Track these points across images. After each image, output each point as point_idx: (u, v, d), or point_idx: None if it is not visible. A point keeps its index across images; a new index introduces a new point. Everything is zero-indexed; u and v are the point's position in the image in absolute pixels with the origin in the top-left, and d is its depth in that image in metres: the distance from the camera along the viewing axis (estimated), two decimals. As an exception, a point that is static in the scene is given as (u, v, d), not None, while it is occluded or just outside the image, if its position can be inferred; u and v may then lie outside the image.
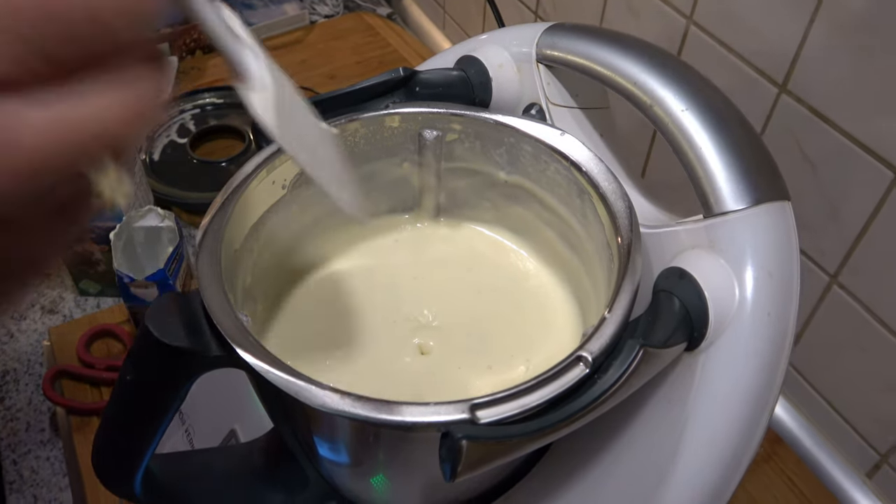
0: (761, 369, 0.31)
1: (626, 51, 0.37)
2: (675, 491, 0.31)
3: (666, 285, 0.32)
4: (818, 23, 0.50)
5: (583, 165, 0.37)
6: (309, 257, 0.43)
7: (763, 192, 0.32)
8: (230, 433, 0.49)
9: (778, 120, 0.56)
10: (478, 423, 0.28)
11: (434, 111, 0.40)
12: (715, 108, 0.34)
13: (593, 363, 0.29)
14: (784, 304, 0.31)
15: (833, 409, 0.60)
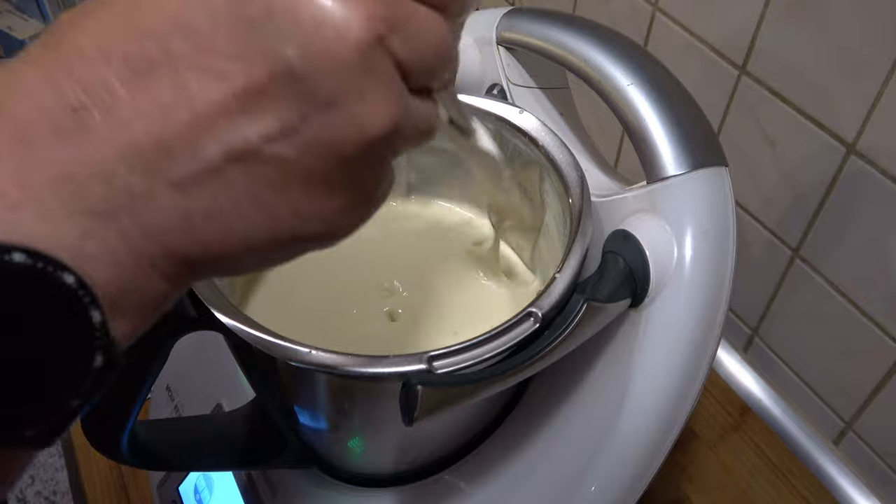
0: (700, 321, 0.33)
1: (577, 32, 0.39)
2: (622, 437, 0.34)
3: (612, 247, 0.35)
4: (772, 6, 0.52)
5: (538, 139, 0.39)
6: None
7: (701, 158, 0.35)
8: (216, 407, 0.51)
9: (739, 101, 0.58)
10: (434, 372, 0.30)
11: (400, 92, 0.42)
12: (658, 82, 0.37)
13: (543, 319, 0.32)
14: (719, 260, 0.34)
15: (800, 379, 0.63)
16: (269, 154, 0.18)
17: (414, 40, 0.19)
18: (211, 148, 0.18)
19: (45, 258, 0.16)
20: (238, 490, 0.48)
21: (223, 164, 0.18)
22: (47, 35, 0.18)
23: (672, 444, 0.34)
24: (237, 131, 0.18)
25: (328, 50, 0.18)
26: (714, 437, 0.61)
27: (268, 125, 0.18)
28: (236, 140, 0.18)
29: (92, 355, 0.17)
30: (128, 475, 0.58)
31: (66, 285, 0.17)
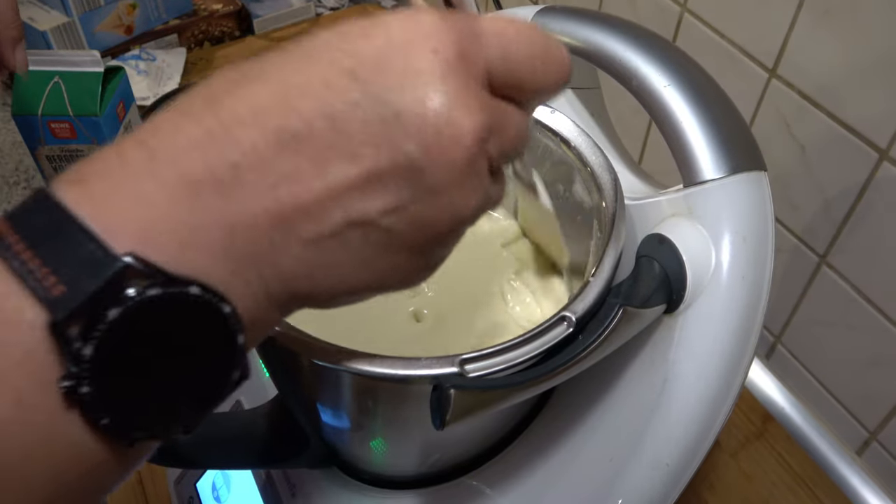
0: (736, 329, 0.33)
1: (612, 30, 0.38)
2: (656, 443, 0.33)
3: (647, 251, 0.34)
4: (805, 8, 0.51)
5: (571, 141, 0.38)
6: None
7: (740, 162, 0.34)
8: (236, 404, 0.51)
9: (768, 104, 0.57)
10: (466, 375, 0.29)
11: (430, 90, 0.42)
12: (696, 83, 0.36)
13: (577, 323, 0.31)
14: (758, 267, 0.33)
15: (823, 388, 0.62)
16: (383, 225, 0.22)
17: (505, 139, 0.23)
18: (337, 215, 0.21)
19: (212, 291, 0.20)
20: (257, 488, 0.48)
21: (345, 229, 0.22)
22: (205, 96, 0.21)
23: (705, 455, 0.33)
24: (359, 204, 0.21)
25: (443, 151, 0.21)
26: (736, 445, 0.60)
27: (385, 202, 0.22)
28: (357, 211, 0.22)
29: (233, 370, 0.21)
30: (144, 470, 0.58)
31: (225, 314, 0.20)
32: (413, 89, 0.21)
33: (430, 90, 0.21)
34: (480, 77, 0.23)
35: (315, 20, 1.06)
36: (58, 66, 0.66)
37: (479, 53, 0.23)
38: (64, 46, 0.87)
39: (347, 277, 0.23)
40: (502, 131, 0.23)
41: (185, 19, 0.99)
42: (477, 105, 0.22)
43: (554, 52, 0.24)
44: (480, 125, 0.22)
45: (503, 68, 0.23)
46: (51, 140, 0.67)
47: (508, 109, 0.24)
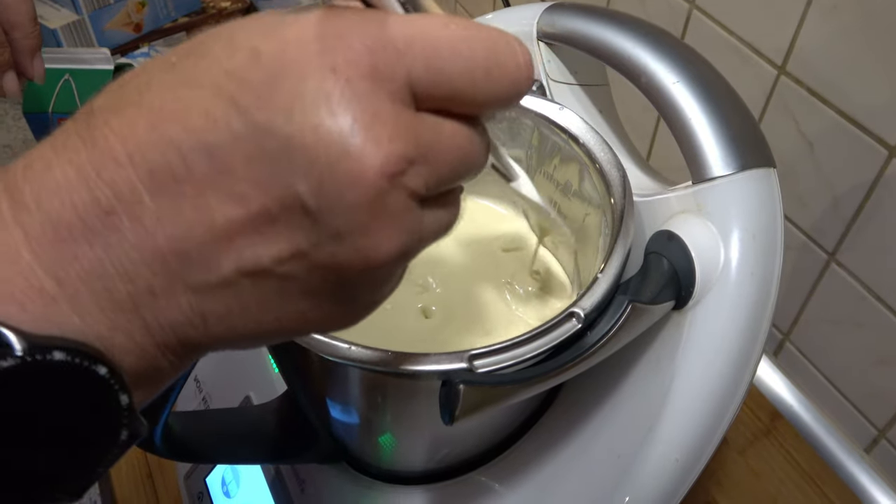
0: (745, 326, 0.33)
1: (621, 27, 0.38)
2: (665, 440, 0.33)
3: (655, 247, 0.34)
4: (815, 4, 0.51)
5: (580, 137, 0.38)
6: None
7: (749, 159, 0.34)
8: (245, 399, 0.51)
9: (777, 100, 0.57)
10: (475, 371, 0.30)
11: (438, 87, 0.42)
12: (705, 80, 0.36)
13: (585, 319, 0.31)
14: (767, 264, 0.33)
15: (831, 385, 0.62)
16: (279, 273, 0.19)
17: (440, 164, 0.20)
18: (225, 263, 0.19)
19: (81, 353, 0.18)
20: (266, 483, 0.48)
21: (236, 278, 0.19)
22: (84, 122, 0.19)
23: (712, 453, 0.33)
24: (250, 251, 0.19)
25: (340, 191, 0.18)
26: (743, 442, 0.60)
27: (278, 249, 0.19)
28: (249, 259, 0.19)
29: (119, 431, 0.19)
30: (154, 465, 0.58)
31: (100, 376, 0.18)
32: (303, 117, 0.18)
33: (324, 118, 0.18)
34: (398, 95, 0.19)
35: (323, 17, 1.06)
36: (68, 63, 0.67)
37: (395, 67, 0.19)
38: (74, 44, 0.88)
39: (250, 325, 0.21)
40: (434, 156, 0.20)
41: (194, 17, 0.99)
42: (387, 132, 0.18)
43: (503, 58, 0.20)
44: (391, 157, 0.18)
45: (432, 81, 0.19)
46: (61, 137, 0.68)
47: (446, 128, 0.20)
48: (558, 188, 0.42)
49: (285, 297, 0.20)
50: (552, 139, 0.40)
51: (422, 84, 0.19)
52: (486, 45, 0.20)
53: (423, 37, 0.19)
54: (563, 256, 0.44)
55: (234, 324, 0.20)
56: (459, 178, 0.21)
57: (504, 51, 0.20)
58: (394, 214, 0.19)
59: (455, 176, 0.21)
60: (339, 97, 0.18)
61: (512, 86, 0.20)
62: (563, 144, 0.40)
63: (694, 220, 0.34)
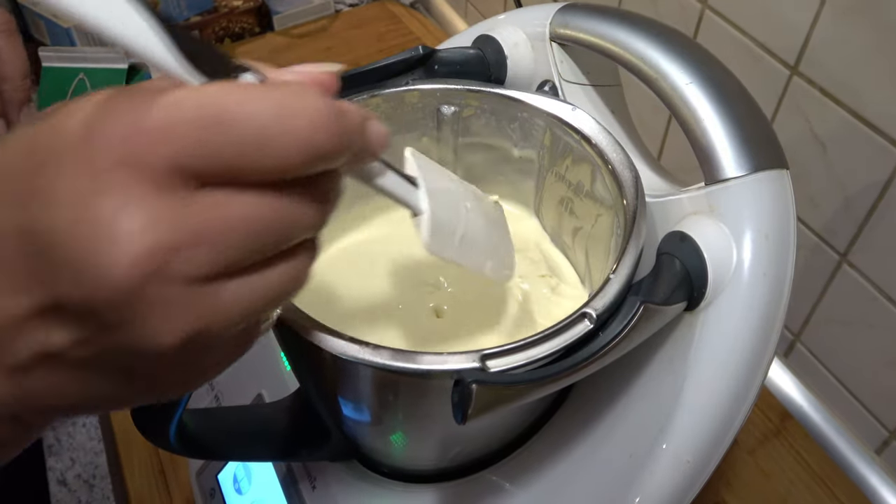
0: (757, 327, 0.33)
1: (633, 28, 0.38)
2: (676, 440, 0.33)
3: (668, 248, 0.34)
4: (828, 4, 0.51)
5: (592, 138, 0.39)
6: (330, 228, 0.45)
7: (762, 161, 0.34)
8: (257, 397, 0.52)
9: (789, 101, 0.57)
10: (488, 370, 0.30)
11: (452, 87, 0.42)
12: (718, 81, 0.36)
13: (597, 319, 0.31)
14: (780, 265, 0.33)
15: (842, 386, 0.61)
16: (72, 358, 0.20)
17: (222, 244, 0.19)
18: (22, 349, 0.20)
19: None
20: (277, 480, 0.48)
21: (33, 362, 0.20)
22: None
23: (724, 453, 0.33)
24: (41, 337, 0.20)
25: (95, 288, 0.18)
26: (753, 443, 0.60)
27: (62, 338, 0.20)
28: (41, 345, 0.20)
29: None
30: (166, 461, 0.59)
31: None
32: (57, 214, 0.18)
33: (77, 212, 0.18)
34: (159, 181, 0.18)
35: (334, 16, 1.07)
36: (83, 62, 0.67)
37: (151, 152, 0.18)
38: (87, 43, 0.88)
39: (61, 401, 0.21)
40: (214, 237, 0.19)
41: (206, 16, 1.00)
42: (141, 223, 0.18)
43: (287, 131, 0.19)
44: (145, 248, 0.18)
45: (201, 158, 0.19)
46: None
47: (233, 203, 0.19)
48: (570, 188, 0.42)
49: (88, 376, 0.21)
50: (564, 139, 0.40)
51: (191, 163, 0.19)
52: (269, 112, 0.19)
53: (187, 115, 0.19)
54: (574, 257, 0.44)
55: (47, 401, 0.21)
56: (276, 244, 0.21)
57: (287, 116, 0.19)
58: (165, 303, 0.19)
59: (261, 246, 0.20)
60: (91, 190, 0.18)
61: (306, 149, 0.19)
62: (575, 145, 0.40)
63: (706, 221, 0.34)
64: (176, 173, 0.19)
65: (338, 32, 1.04)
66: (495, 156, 0.45)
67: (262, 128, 0.19)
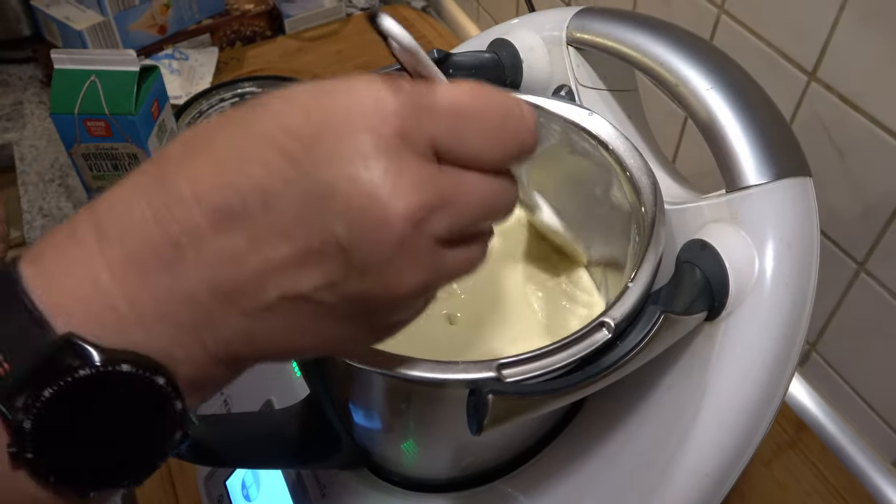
0: (779, 338, 0.32)
1: (653, 33, 0.38)
2: (694, 455, 0.33)
3: (688, 256, 0.33)
4: (848, 10, 0.50)
5: (610, 143, 0.38)
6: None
7: (784, 168, 0.33)
8: (266, 403, 0.51)
9: (807, 107, 0.56)
10: (504, 380, 0.29)
11: (466, 91, 0.41)
12: (739, 86, 0.35)
13: (615, 328, 0.31)
14: (802, 275, 0.32)
15: (858, 397, 0.60)
16: (316, 299, 0.23)
17: (460, 211, 0.23)
18: (272, 290, 0.22)
19: (143, 366, 0.22)
20: (286, 487, 0.48)
21: (280, 302, 0.22)
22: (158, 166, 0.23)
23: (744, 467, 0.33)
24: (292, 280, 0.22)
25: (369, 233, 0.21)
26: (768, 454, 0.59)
27: (316, 279, 0.22)
28: (290, 287, 0.22)
29: (174, 431, 0.23)
30: (174, 467, 0.58)
31: (158, 385, 0.22)
32: (342, 169, 0.21)
33: (359, 169, 0.21)
34: (422, 152, 0.22)
35: (346, 20, 1.07)
36: (95, 65, 0.67)
37: (421, 128, 0.22)
38: (99, 45, 0.88)
39: (290, 342, 0.24)
40: (454, 204, 0.23)
41: (218, 19, 0.99)
42: (411, 183, 0.21)
43: (511, 124, 0.24)
44: (413, 205, 0.21)
45: (452, 141, 0.23)
46: (86, 138, 0.68)
47: (466, 180, 0.23)
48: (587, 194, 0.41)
49: (320, 320, 0.23)
50: (581, 145, 0.40)
51: (444, 143, 0.22)
52: (499, 111, 0.23)
53: (447, 103, 0.23)
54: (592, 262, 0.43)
55: (276, 342, 0.23)
56: (484, 221, 0.24)
57: (514, 115, 0.24)
58: (416, 254, 0.22)
59: (479, 220, 0.24)
60: (370, 153, 0.21)
61: (520, 145, 0.24)
62: (591, 150, 0.39)
63: (728, 229, 0.33)
64: (432, 148, 0.22)
65: (349, 36, 1.04)
66: (510, 161, 0.44)
67: (500, 122, 0.23)
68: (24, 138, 0.87)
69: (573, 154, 0.40)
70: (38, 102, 0.92)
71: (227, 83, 0.92)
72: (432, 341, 0.39)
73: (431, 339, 0.39)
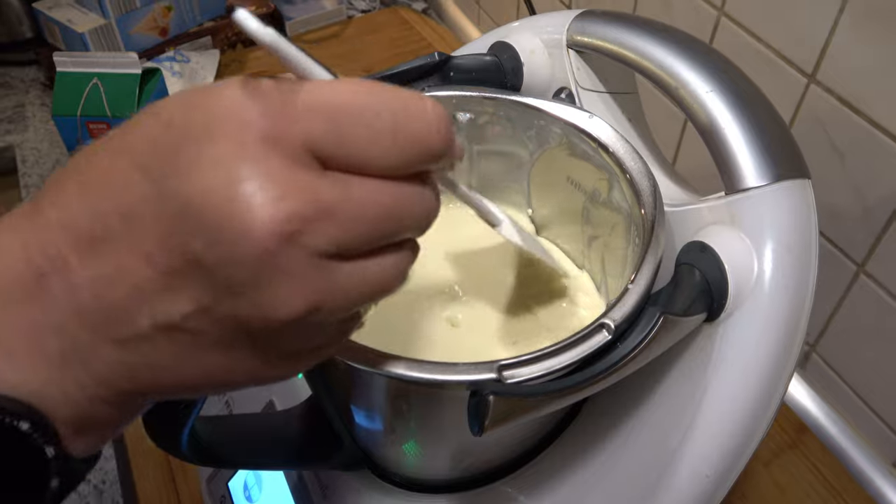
0: (778, 339, 0.32)
1: (653, 36, 0.38)
2: (693, 457, 0.33)
3: (687, 258, 0.34)
4: (847, 12, 0.51)
5: (610, 146, 0.38)
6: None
7: (784, 170, 0.33)
8: (268, 404, 0.51)
9: (807, 110, 0.57)
10: (505, 381, 0.29)
11: (467, 94, 0.42)
12: (738, 89, 0.35)
13: (615, 330, 0.31)
14: (801, 277, 0.32)
15: (858, 398, 0.61)
16: (189, 328, 0.21)
17: (347, 223, 0.20)
18: (142, 318, 0.21)
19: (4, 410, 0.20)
20: (288, 488, 0.48)
21: (152, 332, 0.21)
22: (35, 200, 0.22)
23: (743, 468, 0.33)
24: (161, 307, 0.21)
25: (231, 248, 0.19)
26: (769, 455, 0.59)
27: (184, 304, 0.21)
28: (161, 315, 0.21)
29: (48, 481, 0.21)
30: (177, 468, 0.59)
31: (23, 431, 0.20)
32: (199, 181, 0.19)
33: (216, 179, 0.19)
34: (295, 157, 0.20)
35: (347, 22, 1.07)
36: (97, 67, 0.67)
37: (291, 130, 0.20)
38: (101, 48, 0.88)
39: (176, 376, 0.22)
40: (340, 214, 0.20)
41: (219, 21, 1.00)
42: (278, 192, 0.19)
43: (406, 121, 0.21)
44: (281, 215, 0.19)
45: (332, 143, 0.20)
46: (89, 141, 0.68)
47: (356, 186, 0.21)
48: (587, 197, 0.42)
49: (200, 350, 0.22)
50: (581, 147, 0.40)
51: (324, 146, 0.20)
52: (392, 109, 0.21)
53: (325, 102, 0.20)
54: (590, 265, 0.44)
55: (160, 376, 0.22)
56: (389, 233, 0.22)
57: (412, 113, 0.21)
58: (291, 272, 0.20)
59: (380, 232, 0.21)
60: (229, 160, 0.19)
61: (421, 147, 0.21)
62: (592, 153, 0.39)
63: (727, 231, 0.33)
64: (310, 152, 0.20)
65: (350, 38, 1.04)
66: (511, 163, 0.44)
67: (391, 121, 0.21)
68: (26, 141, 0.87)
69: (573, 157, 0.40)
70: (40, 105, 0.92)
71: (229, 85, 0.92)
72: (433, 343, 0.39)
73: (433, 340, 0.40)
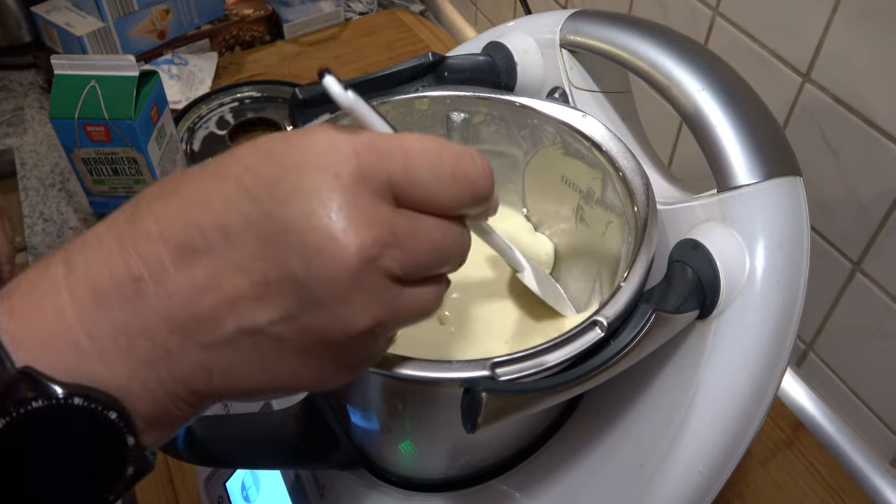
0: (771, 335, 0.32)
1: (644, 35, 0.38)
2: (688, 451, 0.33)
3: (680, 256, 0.34)
4: (841, 12, 0.51)
5: (603, 145, 0.38)
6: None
7: (775, 167, 0.34)
8: (265, 404, 0.51)
9: (801, 109, 0.57)
10: (497, 378, 0.30)
11: (461, 94, 0.42)
12: (730, 87, 0.36)
13: (608, 327, 0.31)
14: (793, 273, 0.33)
15: (856, 397, 0.61)
16: (272, 333, 0.23)
17: (411, 252, 0.24)
18: (230, 323, 0.23)
19: (97, 400, 0.22)
20: (286, 488, 0.48)
21: (237, 336, 0.23)
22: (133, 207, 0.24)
23: (736, 464, 0.33)
24: (250, 314, 0.23)
25: (324, 267, 0.22)
26: (766, 454, 0.60)
27: (272, 313, 0.23)
28: (247, 321, 0.23)
29: (125, 467, 0.24)
30: (175, 469, 0.59)
31: (110, 419, 0.23)
32: (299, 206, 0.22)
33: (315, 206, 0.22)
34: (379, 192, 0.23)
35: (344, 24, 1.07)
36: (94, 70, 0.68)
37: (377, 168, 0.23)
38: (99, 51, 0.89)
39: (248, 379, 0.24)
40: (410, 244, 0.24)
41: (217, 24, 1.00)
42: (365, 220, 0.22)
43: (465, 168, 0.25)
44: (367, 241, 0.22)
45: (408, 182, 0.24)
46: (86, 143, 0.68)
47: (422, 222, 0.24)
48: (581, 196, 0.42)
49: (279, 354, 0.24)
50: (575, 146, 0.40)
51: (400, 184, 0.24)
52: (452, 157, 0.25)
53: (401, 147, 0.24)
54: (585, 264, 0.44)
55: (235, 378, 0.24)
56: (437, 265, 0.25)
57: (466, 162, 0.25)
58: (369, 289, 0.23)
59: (432, 263, 0.25)
60: (326, 190, 0.22)
61: (473, 190, 0.25)
62: (585, 152, 0.39)
63: (719, 228, 0.34)
64: (389, 189, 0.23)
65: (348, 40, 1.04)
66: (505, 163, 0.44)
67: (450, 164, 0.24)
68: (25, 144, 0.88)
69: (567, 156, 0.41)
70: (38, 108, 0.92)
71: (227, 88, 0.92)
72: (426, 342, 0.40)
73: (425, 339, 0.40)
